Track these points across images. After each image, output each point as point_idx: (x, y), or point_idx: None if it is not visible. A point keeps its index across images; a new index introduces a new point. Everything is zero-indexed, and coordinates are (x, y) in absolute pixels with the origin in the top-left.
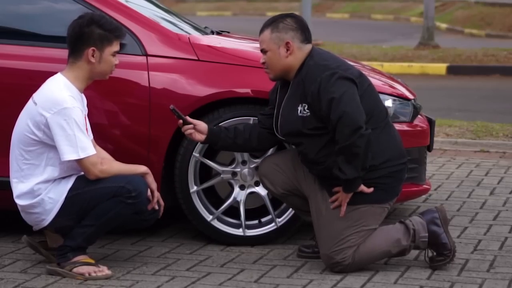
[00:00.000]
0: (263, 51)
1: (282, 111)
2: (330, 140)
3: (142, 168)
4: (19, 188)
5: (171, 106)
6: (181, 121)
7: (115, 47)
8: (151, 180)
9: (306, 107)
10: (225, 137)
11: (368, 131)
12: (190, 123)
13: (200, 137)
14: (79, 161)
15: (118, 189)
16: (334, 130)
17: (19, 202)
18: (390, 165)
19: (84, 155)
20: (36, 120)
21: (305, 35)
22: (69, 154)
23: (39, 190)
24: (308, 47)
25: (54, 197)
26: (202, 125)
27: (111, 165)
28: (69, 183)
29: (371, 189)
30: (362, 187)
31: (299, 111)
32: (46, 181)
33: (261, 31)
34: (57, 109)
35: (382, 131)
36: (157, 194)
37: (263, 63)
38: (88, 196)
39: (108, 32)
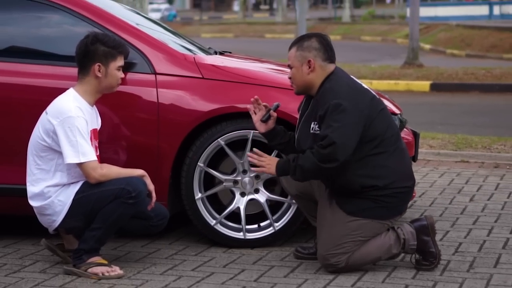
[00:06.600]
0: (290, 67)
1: (301, 127)
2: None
3: (139, 171)
4: (30, 191)
5: (277, 103)
6: (266, 114)
7: (119, 61)
8: (148, 182)
9: (317, 126)
10: (280, 141)
11: (336, 165)
12: (270, 117)
13: (262, 128)
14: (80, 165)
15: (119, 191)
16: (319, 144)
17: (32, 203)
18: (395, 186)
19: (84, 159)
20: (46, 127)
21: (328, 54)
22: (71, 158)
23: (49, 193)
24: (330, 66)
25: (63, 199)
26: (272, 122)
27: (110, 169)
28: (76, 187)
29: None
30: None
31: (311, 128)
32: (55, 185)
33: (289, 48)
34: (63, 117)
35: (391, 155)
36: (155, 195)
37: (290, 78)
38: (93, 198)
39: (111, 48)
